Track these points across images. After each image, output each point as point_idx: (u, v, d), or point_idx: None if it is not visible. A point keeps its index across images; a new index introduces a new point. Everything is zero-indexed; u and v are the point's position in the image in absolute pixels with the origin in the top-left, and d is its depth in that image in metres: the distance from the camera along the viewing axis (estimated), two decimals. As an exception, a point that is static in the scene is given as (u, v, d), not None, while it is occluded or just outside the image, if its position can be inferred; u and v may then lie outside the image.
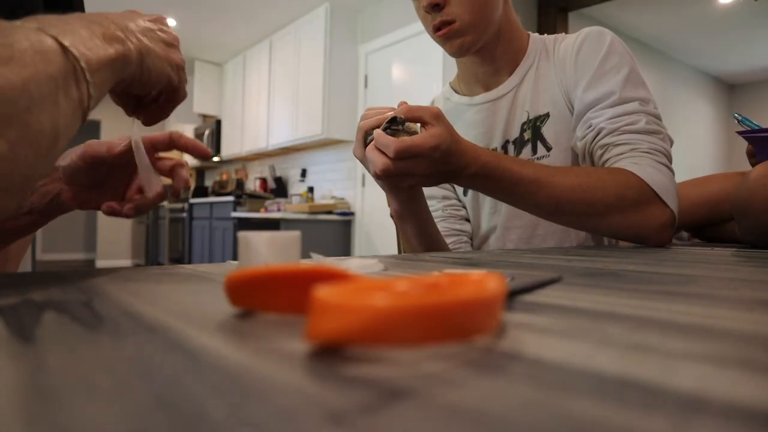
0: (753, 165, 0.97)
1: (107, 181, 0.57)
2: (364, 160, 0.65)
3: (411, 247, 0.77)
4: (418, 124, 0.61)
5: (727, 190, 0.96)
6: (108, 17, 0.38)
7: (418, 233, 0.75)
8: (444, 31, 0.76)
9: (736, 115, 1.00)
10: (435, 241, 0.77)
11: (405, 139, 0.57)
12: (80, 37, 0.32)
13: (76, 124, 0.31)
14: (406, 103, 0.62)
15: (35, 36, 0.28)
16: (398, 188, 0.69)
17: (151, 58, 0.41)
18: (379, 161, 0.58)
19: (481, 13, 0.76)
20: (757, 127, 0.95)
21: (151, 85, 0.42)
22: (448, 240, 0.88)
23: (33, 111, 0.27)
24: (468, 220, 0.91)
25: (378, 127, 0.61)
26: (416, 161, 0.58)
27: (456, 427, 0.10)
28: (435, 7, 0.75)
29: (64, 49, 0.30)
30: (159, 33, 0.44)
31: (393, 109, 0.63)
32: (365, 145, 0.63)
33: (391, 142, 0.57)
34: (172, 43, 0.45)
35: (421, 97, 2.74)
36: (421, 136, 0.58)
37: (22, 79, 0.26)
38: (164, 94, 0.47)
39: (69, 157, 0.53)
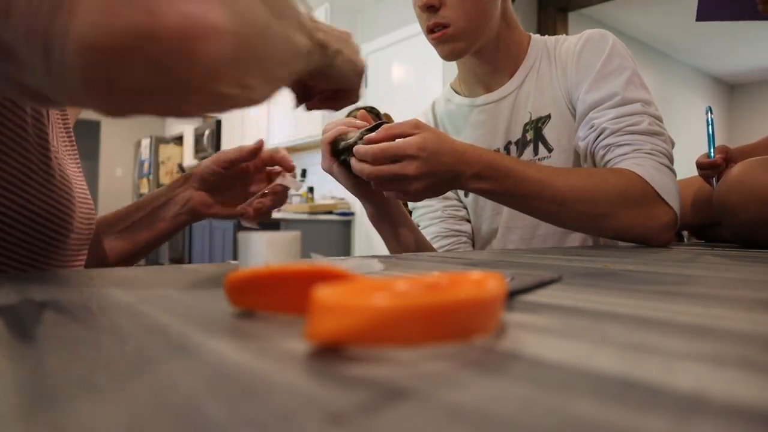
0: (703, 177, 0.99)
1: (231, 188, 0.67)
2: (332, 173, 0.69)
3: (391, 249, 0.78)
4: None
5: (709, 190, 0.96)
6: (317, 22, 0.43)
7: (394, 235, 0.76)
8: (437, 35, 0.76)
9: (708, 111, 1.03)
10: (414, 241, 0.78)
11: (383, 144, 0.60)
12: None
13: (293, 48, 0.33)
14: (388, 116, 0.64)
15: None
16: (369, 193, 0.71)
17: (342, 58, 0.46)
18: (365, 169, 0.61)
19: (477, 20, 0.76)
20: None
21: (334, 82, 0.48)
22: (446, 240, 0.88)
23: None
24: (468, 220, 0.91)
25: (339, 136, 0.65)
26: (404, 164, 0.59)
27: (456, 427, 0.10)
28: (430, 8, 0.75)
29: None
30: (350, 42, 0.49)
31: (349, 121, 0.68)
32: (332, 156, 0.67)
33: (367, 149, 0.60)
34: (358, 52, 0.51)
35: (421, 98, 2.73)
36: (404, 139, 0.60)
37: None
38: (340, 92, 0.53)
39: (203, 164, 0.66)
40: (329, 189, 3.92)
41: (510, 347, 0.16)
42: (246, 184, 0.68)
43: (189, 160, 5.84)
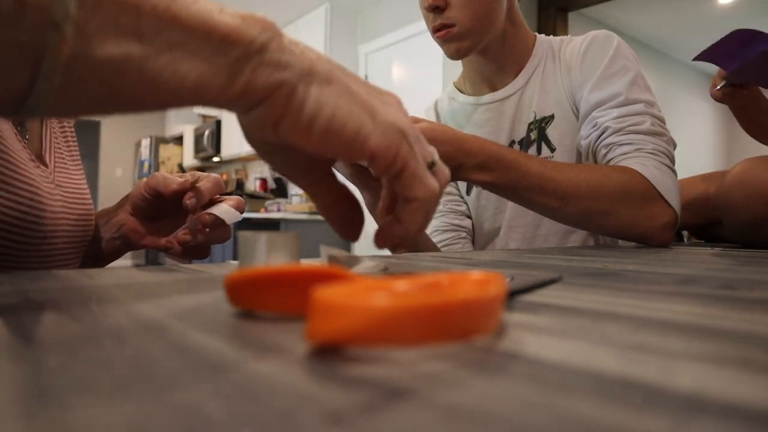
0: (718, 98, 0.96)
1: (166, 218, 0.60)
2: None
3: None
4: None
5: (708, 192, 0.96)
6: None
7: None
8: (442, 33, 0.76)
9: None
10: None
11: None
12: None
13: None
14: None
15: None
16: (367, 180, 0.70)
17: (320, 88, 0.25)
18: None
19: (482, 19, 0.76)
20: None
21: (328, 138, 0.25)
22: (446, 235, 0.89)
23: None
24: (468, 216, 0.91)
25: None
26: None
27: (456, 427, 0.10)
28: (436, 9, 0.75)
29: None
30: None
31: None
32: None
33: None
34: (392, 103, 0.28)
35: (421, 97, 2.73)
36: None
37: None
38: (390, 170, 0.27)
39: (136, 186, 0.58)
40: (329, 189, 3.91)
41: (510, 347, 0.16)
42: (185, 215, 0.58)
43: (189, 160, 5.85)
